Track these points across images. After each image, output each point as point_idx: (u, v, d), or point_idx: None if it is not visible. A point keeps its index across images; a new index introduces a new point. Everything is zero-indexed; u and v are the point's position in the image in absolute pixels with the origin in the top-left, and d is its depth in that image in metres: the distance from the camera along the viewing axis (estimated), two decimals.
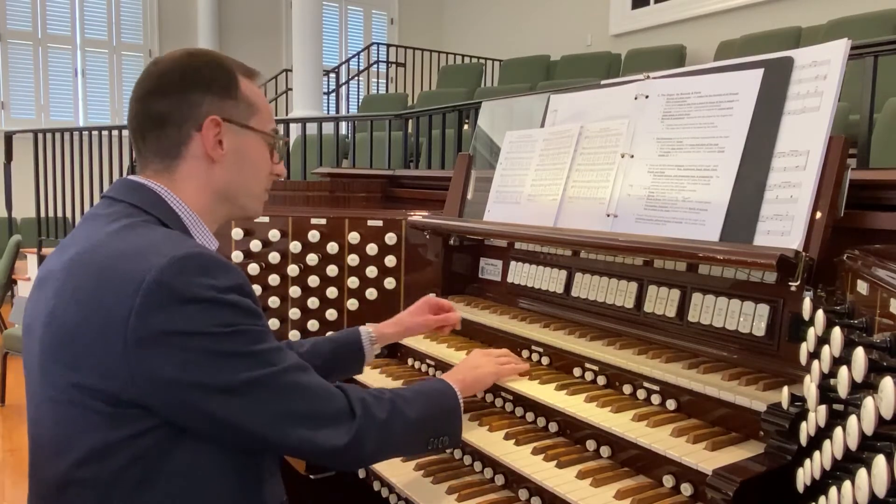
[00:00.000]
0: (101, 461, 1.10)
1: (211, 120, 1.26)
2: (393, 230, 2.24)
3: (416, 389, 1.40)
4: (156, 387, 1.07)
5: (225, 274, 1.12)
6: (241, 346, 1.11)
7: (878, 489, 0.74)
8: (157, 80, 1.27)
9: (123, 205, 1.24)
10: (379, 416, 1.24)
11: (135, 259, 1.09)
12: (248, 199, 1.36)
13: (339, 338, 1.74)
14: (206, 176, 1.29)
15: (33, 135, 7.08)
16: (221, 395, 1.10)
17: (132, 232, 1.17)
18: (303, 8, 7.88)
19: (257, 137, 1.33)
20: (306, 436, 1.16)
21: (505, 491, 1.49)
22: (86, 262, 1.14)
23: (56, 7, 9.62)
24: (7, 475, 3.91)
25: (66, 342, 1.11)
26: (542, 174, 1.93)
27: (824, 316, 1.05)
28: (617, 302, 1.74)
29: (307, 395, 1.18)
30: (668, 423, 1.37)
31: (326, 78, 9.39)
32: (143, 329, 1.05)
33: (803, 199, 1.32)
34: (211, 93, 1.26)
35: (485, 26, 10.94)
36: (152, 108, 1.26)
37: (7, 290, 6.11)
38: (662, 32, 8.33)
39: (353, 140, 7.41)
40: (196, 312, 1.07)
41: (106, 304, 1.07)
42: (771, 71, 1.46)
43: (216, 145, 1.27)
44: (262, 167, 1.36)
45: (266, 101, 1.38)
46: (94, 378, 1.08)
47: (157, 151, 1.27)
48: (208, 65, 1.29)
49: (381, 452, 1.29)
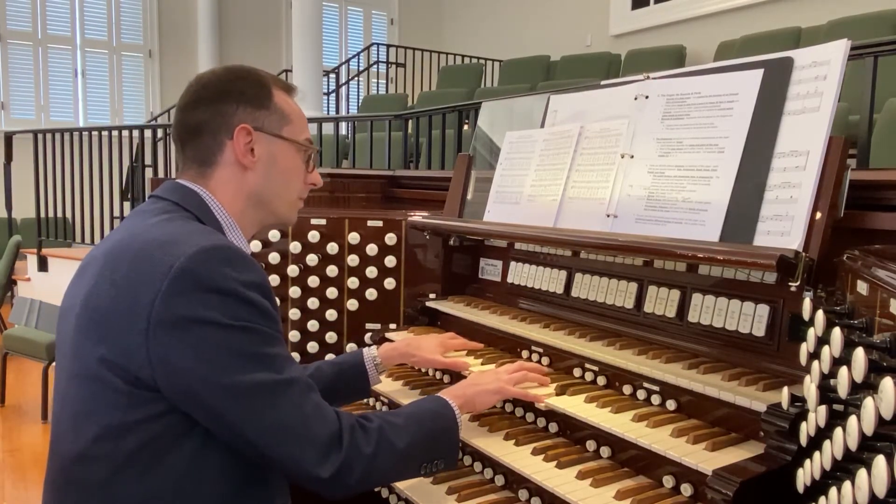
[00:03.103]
0: (116, 440, 1.15)
1: (242, 128, 1.32)
2: (393, 230, 2.24)
3: (410, 413, 1.37)
4: (168, 369, 1.12)
5: (249, 270, 1.18)
6: (252, 346, 1.15)
7: (878, 489, 0.74)
8: (195, 93, 1.35)
9: (166, 202, 1.32)
10: (365, 450, 1.22)
11: (168, 247, 1.16)
12: (281, 204, 1.41)
13: (342, 361, 1.73)
14: (239, 181, 1.35)
15: (33, 135, 7.08)
16: (223, 390, 1.12)
17: (170, 224, 1.24)
18: (303, 8, 7.89)
19: (289, 146, 1.39)
20: (294, 455, 1.16)
21: (505, 491, 1.49)
22: (124, 248, 1.21)
23: (56, 7, 9.63)
24: (7, 475, 3.91)
25: (99, 320, 1.17)
26: (541, 174, 1.93)
27: (824, 316, 1.05)
28: (617, 302, 1.74)
29: (305, 412, 1.18)
30: (668, 423, 1.37)
31: (326, 78, 9.39)
32: (165, 312, 1.11)
33: (803, 199, 1.32)
34: (244, 103, 1.33)
35: (485, 27, 10.94)
36: (190, 118, 1.34)
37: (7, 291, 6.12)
38: (662, 33, 8.33)
39: (352, 140, 7.41)
40: (216, 302, 1.13)
41: (137, 286, 1.14)
42: (771, 71, 1.46)
43: (247, 153, 1.33)
44: (294, 175, 1.42)
45: (301, 113, 1.45)
46: (118, 354, 1.14)
47: (195, 158, 1.35)
48: (244, 77, 1.36)
49: (367, 483, 1.27)
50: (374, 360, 1.72)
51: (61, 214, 6.99)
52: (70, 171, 6.89)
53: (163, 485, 1.16)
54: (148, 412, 1.14)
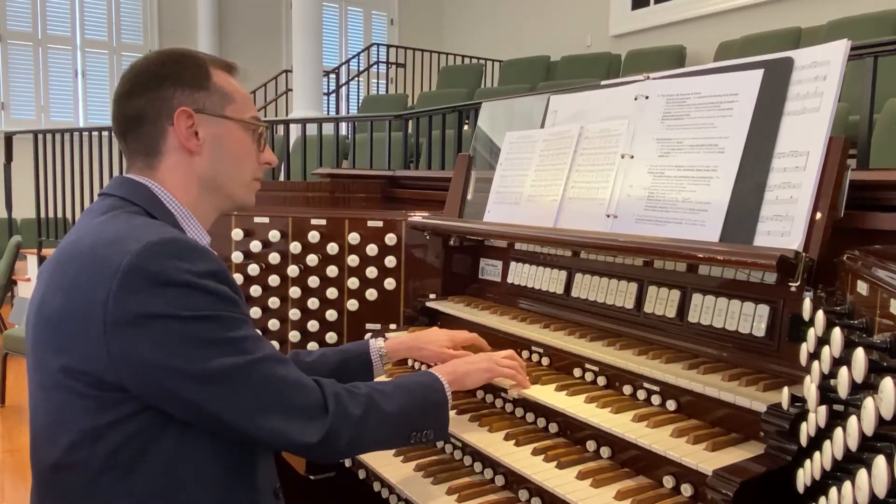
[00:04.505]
0: (91, 445, 1.13)
1: (181, 111, 1.27)
2: (393, 231, 2.24)
3: (398, 383, 1.38)
4: (133, 369, 1.10)
5: (201, 259, 1.14)
6: (216, 333, 1.12)
7: (879, 490, 0.74)
8: (129, 81, 1.30)
9: (113, 199, 1.27)
10: (353, 411, 1.23)
11: (113, 245, 1.12)
12: (235, 187, 1.37)
13: (347, 350, 1.72)
14: (188, 168, 1.31)
15: (33, 135, 7.08)
16: (194, 381, 1.11)
17: (115, 221, 1.20)
18: (303, 8, 7.88)
19: (235, 126, 1.34)
20: (278, 428, 1.16)
21: (505, 491, 1.49)
22: (71, 251, 1.19)
23: (56, 7, 9.63)
24: (7, 475, 3.92)
25: (53, 328, 1.15)
26: (541, 175, 1.93)
27: (824, 316, 1.05)
28: (617, 302, 1.74)
29: (281, 386, 1.17)
30: (668, 423, 1.37)
31: (326, 78, 9.39)
32: (119, 311, 1.08)
33: (803, 199, 1.32)
34: (181, 86, 1.29)
35: (485, 27, 10.94)
36: (127, 108, 1.30)
37: (7, 291, 6.11)
38: (662, 33, 8.34)
39: (353, 141, 7.41)
40: (171, 296, 1.10)
41: (86, 288, 1.11)
42: (771, 71, 1.46)
43: (191, 136, 1.29)
44: (244, 155, 1.36)
45: (244, 91, 1.39)
46: (79, 360, 1.11)
47: (139, 150, 1.31)
48: (178, 60, 1.31)
49: (356, 447, 1.28)
50: (380, 352, 1.71)
51: (61, 214, 7.00)
52: (70, 171, 6.89)
53: (147, 483, 1.14)
54: (119, 413, 1.12)
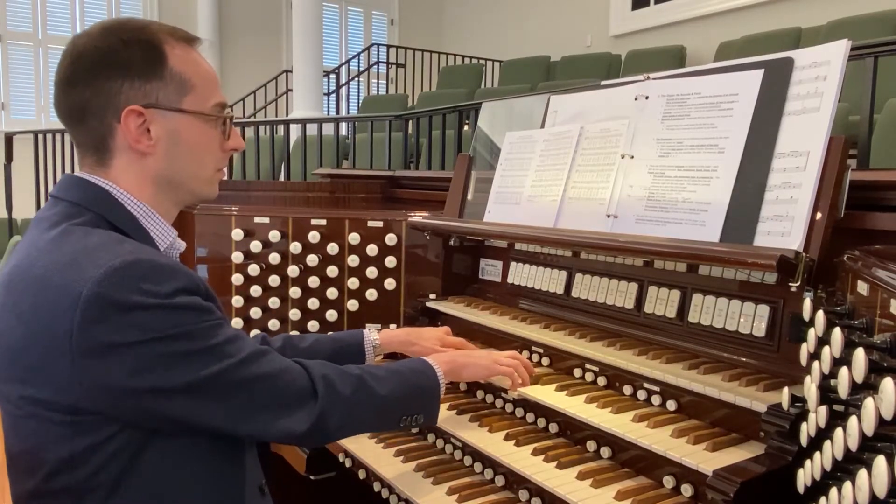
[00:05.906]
0: (70, 471, 1.08)
1: (130, 111, 1.14)
2: (393, 231, 2.24)
3: (390, 367, 1.38)
4: (111, 396, 1.05)
5: (168, 278, 1.07)
6: (194, 345, 1.08)
7: (879, 490, 0.74)
8: (71, 65, 1.15)
9: (65, 203, 1.16)
10: (343, 392, 1.23)
11: (70, 270, 1.04)
12: (196, 184, 1.25)
13: (341, 338, 1.72)
14: (140, 168, 1.18)
15: (33, 135, 7.09)
16: (178, 396, 1.07)
17: (67, 239, 1.10)
18: (303, 8, 7.88)
19: (194, 119, 1.19)
20: (268, 422, 1.15)
21: (505, 492, 1.49)
22: (23, 275, 1.09)
23: (56, 7, 9.63)
24: None
25: (14, 360, 1.08)
26: (542, 175, 1.93)
27: (824, 316, 1.05)
28: (617, 303, 1.74)
29: (268, 382, 1.15)
30: (668, 423, 1.37)
31: (326, 79, 9.39)
32: (87, 342, 1.02)
33: (803, 199, 1.32)
34: (130, 76, 1.13)
35: (485, 27, 10.94)
36: (69, 97, 1.16)
37: None
38: (662, 33, 8.33)
39: (353, 141, 7.41)
40: (140, 321, 1.03)
41: (46, 320, 1.04)
42: (771, 72, 1.46)
43: (141, 136, 1.16)
44: (205, 149, 1.23)
45: (207, 71, 1.23)
46: (49, 392, 1.06)
47: (88, 143, 1.18)
48: (127, 41, 1.14)
49: (347, 428, 1.27)
50: (374, 343, 1.71)
51: None
52: (70, 171, 6.88)
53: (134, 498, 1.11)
54: (98, 437, 1.07)
